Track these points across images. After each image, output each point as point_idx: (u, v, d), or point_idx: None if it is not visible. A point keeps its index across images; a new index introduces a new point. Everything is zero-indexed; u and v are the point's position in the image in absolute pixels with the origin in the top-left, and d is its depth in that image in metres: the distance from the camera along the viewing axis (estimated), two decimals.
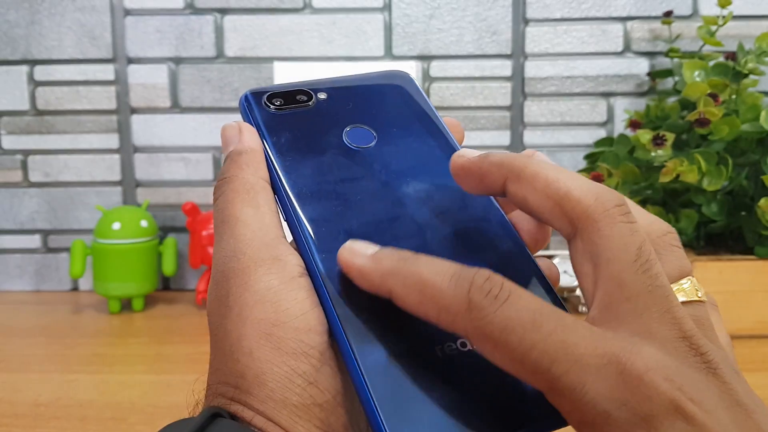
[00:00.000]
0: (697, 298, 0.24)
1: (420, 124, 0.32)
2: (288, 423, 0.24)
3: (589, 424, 0.20)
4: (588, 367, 0.20)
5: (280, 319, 0.24)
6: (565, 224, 0.24)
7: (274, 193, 0.29)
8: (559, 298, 0.27)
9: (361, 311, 0.25)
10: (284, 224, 0.28)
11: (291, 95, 0.32)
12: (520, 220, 0.29)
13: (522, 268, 0.27)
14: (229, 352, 0.25)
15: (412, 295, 0.23)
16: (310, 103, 0.32)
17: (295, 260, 0.26)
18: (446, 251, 0.27)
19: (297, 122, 0.31)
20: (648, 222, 0.25)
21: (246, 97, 0.32)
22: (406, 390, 0.23)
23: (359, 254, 0.25)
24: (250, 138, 0.30)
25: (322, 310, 0.25)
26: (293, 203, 0.28)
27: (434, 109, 0.33)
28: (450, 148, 0.31)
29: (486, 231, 0.29)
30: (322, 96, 0.32)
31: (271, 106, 0.31)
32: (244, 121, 0.31)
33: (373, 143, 0.31)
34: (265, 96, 0.32)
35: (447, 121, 0.33)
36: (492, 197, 0.30)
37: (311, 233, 0.27)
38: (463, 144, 0.32)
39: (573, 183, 0.24)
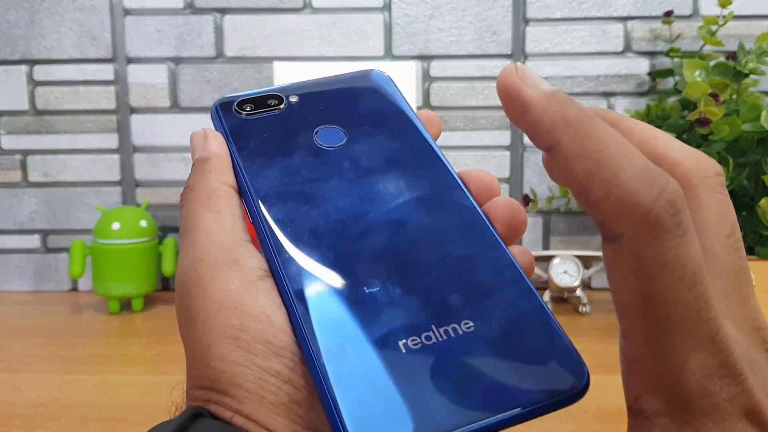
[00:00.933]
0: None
1: (392, 121, 0.32)
2: (266, 420, 0.24)
3: (662, 397, 0.19)
4: (702, 346, 0.19)
5: (245, 324, 0.24)
6: None
7: (242, 197, 0.29)
8: (534, 289, 0.26)
9: (324, 312, 0.25)
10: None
11: (261, 100, 0.32)
12: (494, 209, 0.28)
13: (494, 258, 0.27)
14: (200, 359, 0.25)
15: (586, 161, 0.19)
16: (281, 106, 0.32)
17: (255, 263, 0.26)
18: (414, 247, 0.27)
19: (267, 126, 0.31)
20: (695, 159, 0.22)
21: (215, 106, 0.32)
22: (369, 390, 0.22)
23: (531, 83, 0.20)
24: (215, 144, 0.30)
25: (285, 314, 0.25)
26: (258, 205, 0.28)
27: (409, 105, 0.33)
28: (422, 144, 0.31)
29: (457, 223, 0.28)
30: (294, 99, 0.32)
31: (242, 113, 0.31)
32: (216, 130, 0.32)
33: (343, 142, 0.31)
34: (235, 103, 0.32)
35: (423, 114, 0.32)
36: (465, 189, 0.29)
37: (274, 234, 0.27)
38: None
39: (673, 143, 0.22)
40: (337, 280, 0.25)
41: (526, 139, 0.93)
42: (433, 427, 0.21)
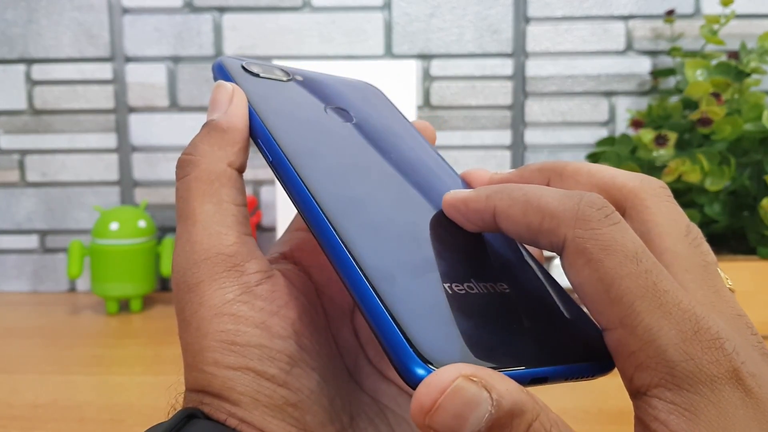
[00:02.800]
0: (729, 286, 0.25)
1: (393, 119, 0.32)
2: (261, 423, 0.24)
3: (651, 369, 0.20)
4: (671, 315, 0.20)
5: (240, 329, 0.24)
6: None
7: (267, 154, 0.27)
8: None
9: (371, 241, 0.24)
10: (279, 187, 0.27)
11: (268, 68, 0.31)
12: None
13: (513, 246, 0.28)
14: (194, 363, 0.25)
15: (518, 206, 0.23)
16: (287, 79, 0.31)
17: (255, 266, 0.26)
18: (442, 227, 0.27)
19: (278, 91, 0.30)
20: (639, 178, 0.25)
21: (219, 63, 0.30)
22: (427, 314, 0.21)
23: (462, 192, 0.25)
24: (237, 112, 0.28)
25: (284, 315, 0.25)
26: (288, 154, 0.26)
27: (403, 114, 0.33)
28: (421, 144, 0.32)
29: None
30: (299, 78, 0.32)
31: (251, 74, 0.30)
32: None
33: (354, 121, 0.30)
34: (243, 63, 0.30)
35: (417, 123, 0.33)
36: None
37: (304, 177, 0.25)
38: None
39: (616, 172, 0.25)
40: (380, 224, 0.25)
41: (527, 139, 0.93)
42: (496, 360, 0.21)
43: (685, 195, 0.77)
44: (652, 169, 0.78)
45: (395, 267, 0.23)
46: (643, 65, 0.92)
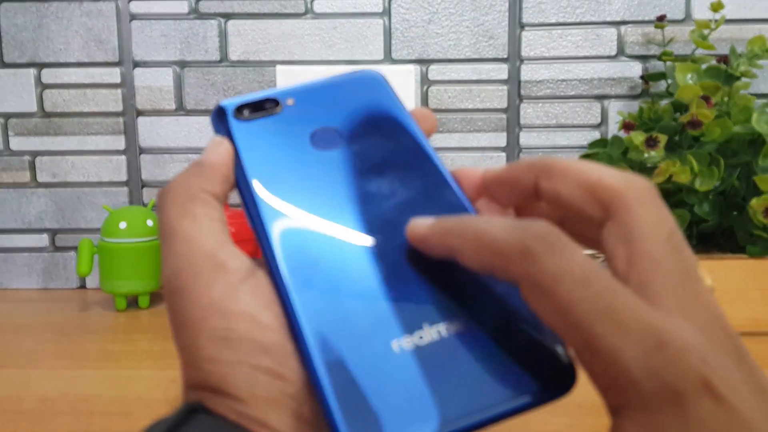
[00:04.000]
0: (709, 285, 0.25)
1: (385, 122, 0.32)
2: (260, 415, 0.24)
3: (618, 389, 0.20)
4: (630, 333, 0.20)
5: (231, 326, 0.25)
6: (597, 210, 0.24)
7: (242, 197, 0.29)
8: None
9: (318, 309, 0.25)
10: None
11: (259, 104, 0.32)
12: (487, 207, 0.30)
13: None
14: (191, 362, 0.25)
15: (470, 245, 0.23)
16: (277, 109, 0.32)
17: (237, 264, 0.26)
18: (407, 247, 0.28)
19: (264, 129, 0.31)
20: (626, 179, 0.25)
21: (214, 112, 0.32)
22: (364, 387, 0.23)
23: (420, 225, 0.26)
24: (217, 152, 0.29)
25: (272, 309, 0.26)
26: (255, 203, 0.28)
27: (402, 103, 0.33)
28: (414, 145, 0.32)
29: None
30: (290, 102, 0.32)
31: (240, 117, 0.31)
32: (218, 132, 0.31)
33: (338, 145, 0.31)
34: (236, 106, 0.31)
35: (417, 111, 0.33)
36: (456, 187, 0.30)
37: (272, 233, 0.27)
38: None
39: (603, 171, 0.24)
40: (331, 282, 0.26)
41: (522, 141, 0.94)
42: (424, 425, 0.22)
43: (675, 195, 0.78)
44: (643, 170, 0.79)
45: (340, 336, 0.24)
46: (634, 69, 0.93)
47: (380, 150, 0.31)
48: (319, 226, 0.28)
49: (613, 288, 0.21)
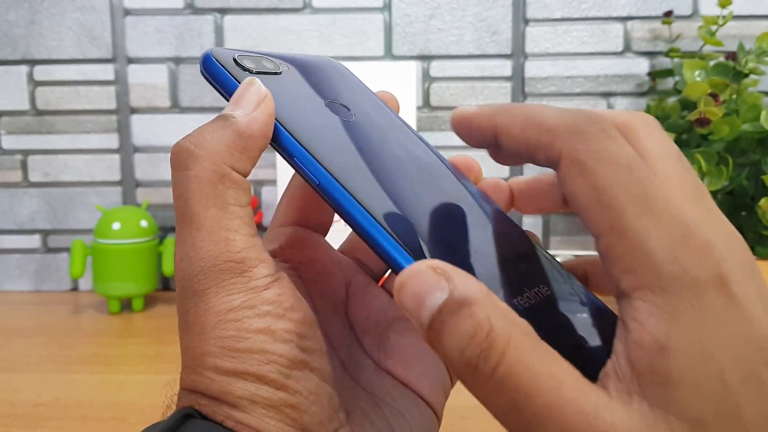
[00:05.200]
0: None
1: (374, 101, 0.32)
2: (258, 423, 0.24)
3: (637, 271, 0.20)
4: (660, 219, 0.20)
5: (243, 335, 0.24)
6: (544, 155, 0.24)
7: (310, 174, 0.25)
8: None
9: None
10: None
11: (257, 60, 0.29)
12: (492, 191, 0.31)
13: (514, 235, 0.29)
14: (193, 366, 0.25)
15: (518, 121, 0.24)
16: (279, 72, 0.29)
17: (263, 270, 0.25)
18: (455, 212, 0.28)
19: (282, 91, 0.28)
20: (630, 112, 0.25)
21: (208, 57, 0.28)
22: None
23: (467, 107, 0.26)
24: (261, 119, 0.26)
25: (289, 318, 0.25)
26: (334, 178, 0.25)
27: (366, 86, 0.33)
28: (402, 123, 0.32)
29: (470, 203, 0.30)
30: (285, 68, 0.30)
31: (242, 68, 0.28)
32: (213, 82, 0.27)
33: (354, 118, 0.30)
34: (235, 56, 0.28)
35: (382, 95, 0.33)
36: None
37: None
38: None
39: (609, 110, 0.24)
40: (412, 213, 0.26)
41: None
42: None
43: None
44: None
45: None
46: (641, 66, 0.92)
47: (392, 130, 0.31)
48: (389, 177, 0.27)
49: (650, 179, 0.21)
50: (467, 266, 0.24)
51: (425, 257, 0.23)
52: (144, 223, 0.86)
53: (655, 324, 0.20)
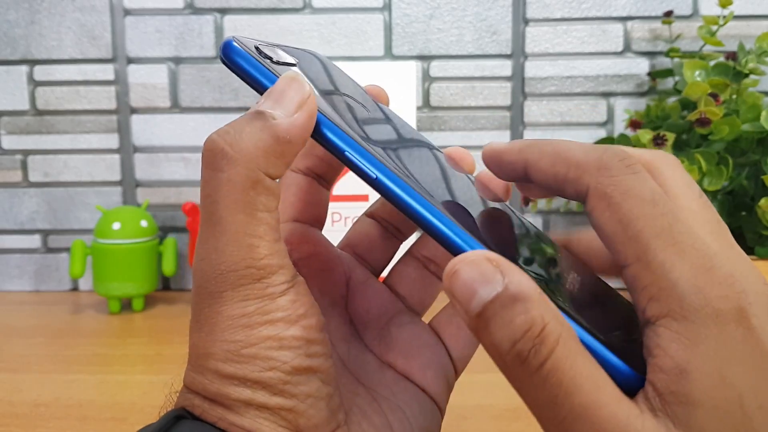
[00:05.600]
0: None
1: (364, 93, 0.32)
2: (252, 425, 0.24)
3: (662, 300, 0.21)
4: (684, 251, 0.21)
5: (251, 341, 0.24)
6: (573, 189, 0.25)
7: (366, 170, 0.25)
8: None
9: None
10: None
11: (274, 51, 0.28)
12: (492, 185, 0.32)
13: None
14: (196, 365, 0.25)
15: (547, 157, 0.25)
16: (295, 63, 0.28)
17: (281, 277, 0.25)
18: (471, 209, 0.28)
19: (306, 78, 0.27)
20: (652, 152, 0.27)
21: (230, 45, 0.26)
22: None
23: (497, 143, 0.27)
24: (303, 124, 0.25)
25: (301, 324, 0.25)
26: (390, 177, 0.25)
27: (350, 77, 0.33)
28: (399, 118, 0.32)
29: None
30: (294, 60, 0.29)
31: (265, 57, 0.26)
32: (241, 73, 0.26)
33: (369, 112, 0.30)
34: (258, 44, 0.27)
35: (370, 89, 0.33)
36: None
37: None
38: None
39: (632, 149, 0.25)
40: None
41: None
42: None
43: None
44: None
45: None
46: (641, 66, 0.92)
47: (392, 120, 0.31)
48: (425, 169, 0.28)
49: (674, 213, 0.22)
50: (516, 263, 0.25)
51: (481, 248, 0.24)
52: (144, 223, 0.85)
53: (676, 349, 0.21)
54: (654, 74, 0.90)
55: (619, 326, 0.25)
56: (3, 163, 0.95)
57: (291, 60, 0.28)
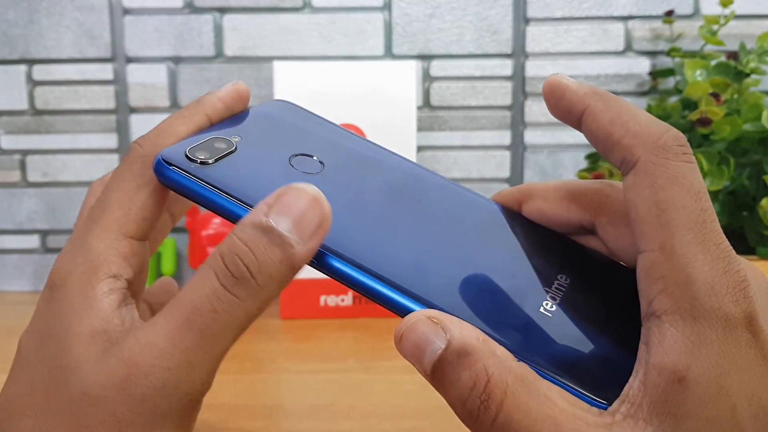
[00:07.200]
0: None
1: (342, 136, 0.32)
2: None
3: (674, 295, 0.21)
4: (708, 249, 0.21)
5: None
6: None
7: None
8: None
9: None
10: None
11: (209, 145, 0.27)
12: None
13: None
14: None
15: (609, 114, 0.24)
16: (233, 147, 0.28)
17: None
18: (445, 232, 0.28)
19: (236, 165, 0.27)
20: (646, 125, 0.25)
21: (161, 162, 0.26)
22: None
23: (564, 78, 0.27)
24: (314, 248, 0.24)
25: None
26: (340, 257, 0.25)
27: (326, 119, 0.33)
28: (378, 148, 0.31)
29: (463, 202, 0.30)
30: (236, 138, 0.29)
31: (199, 161, 0.26)
32: (175, 187, 0.26)
33: (320, 166, 0.29)
34: (185, 151, 0.27)
35: (344, 127, 0.33)
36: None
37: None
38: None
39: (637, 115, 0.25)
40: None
41: (527, 139, 0.93)
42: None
43: None
44: None
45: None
46: (642, 66, 0.92)
47: (360, 161, 0.30)
48: (388, 232, 0.27)
49: (712, 212, 0.22)
50: (475, 299, 0.24)
51: (425, 302, 0.24)
52: None
53: (678, 352, 0.21)
54: (655, 74, 0.90)
55: (608, 332, 0.25)
56: (1, 163, 0.94)
57: (228, 147, 0.28)
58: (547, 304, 0.25)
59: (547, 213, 0.28)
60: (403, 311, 0.24)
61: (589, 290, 0.27)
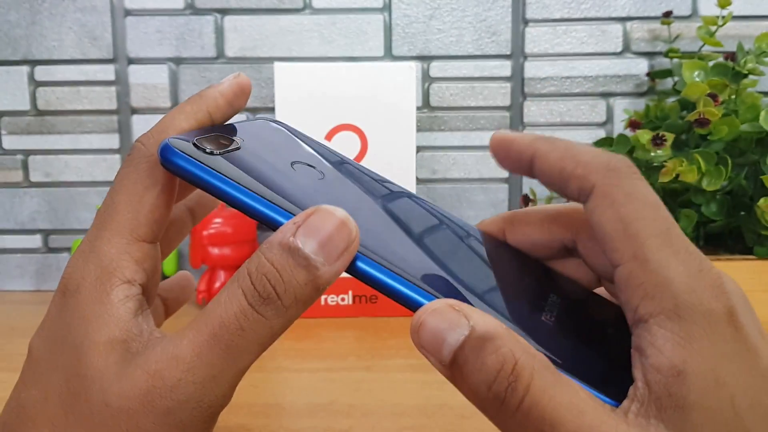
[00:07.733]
0: None
1: (322, 151, 0.32)
2: None
3: (656, 298, 0.22)
4: (679, 252, 0.22)
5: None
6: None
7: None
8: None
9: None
10: None
11: (215, 140, 0.28)
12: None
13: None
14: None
15: (557, 152, 0.26)
16: (238, 146, 0.28)
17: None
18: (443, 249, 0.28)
19: (242, 161, 0.27)
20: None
21: (168, 147, 0.26)
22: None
23: (507, 131, 0.28)
24: (342, 266, 0.24)
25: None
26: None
27: (316, 139, 0.33)
28: (356, 165, 0.32)
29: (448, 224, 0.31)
30: (240, 140, 0.29)
31: (205, 152, 0.26)
32: (183, 173, 0.25)
33: (320, 175, 0.29)
34: (194, 140, 0.26)
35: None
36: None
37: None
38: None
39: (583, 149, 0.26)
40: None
41: None
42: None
43: (682, 195, 0.77)
44: (650, 168, 0.78)
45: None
46: (640, 66, 0.92)
47: (354, 179, 0.31)
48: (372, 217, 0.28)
49: (672, 219, 0.23)
50: (484, 302, 0.25)
51: (440, 297, 0.24)
52: None
53: (671, 349, 0.21)
54: (653, 74, 0.90)
55: (603, 342, 0.25)
56: (4, 163, 0.95)
57: (233, 145, 0.28)
58: (546, 315, 0.26)
59: (531, 236, 0.29)
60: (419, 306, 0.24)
61: (579, 308, 0.28)
